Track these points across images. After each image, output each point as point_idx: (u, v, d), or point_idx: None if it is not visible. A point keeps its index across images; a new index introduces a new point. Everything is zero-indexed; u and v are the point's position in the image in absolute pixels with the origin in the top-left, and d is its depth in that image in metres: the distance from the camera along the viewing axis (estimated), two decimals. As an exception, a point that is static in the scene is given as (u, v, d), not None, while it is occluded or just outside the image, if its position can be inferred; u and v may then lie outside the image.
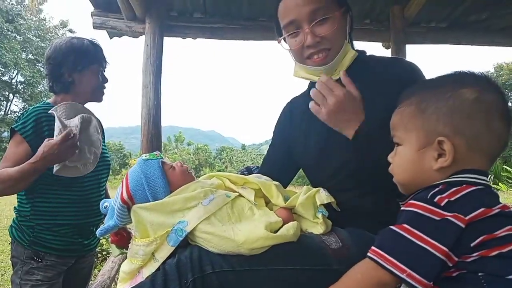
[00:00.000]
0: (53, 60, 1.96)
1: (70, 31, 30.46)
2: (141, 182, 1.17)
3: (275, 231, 1.07)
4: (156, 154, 1.25)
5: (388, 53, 4.30)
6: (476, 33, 4.45)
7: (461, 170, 0.83)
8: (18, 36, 27.72)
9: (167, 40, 4.14)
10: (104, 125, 2.30)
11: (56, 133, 1.76)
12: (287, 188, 1.37)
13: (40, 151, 1.70)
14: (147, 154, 1.25)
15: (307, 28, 1.23)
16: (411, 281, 0.74)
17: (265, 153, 1.63)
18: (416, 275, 0.74)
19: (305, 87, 1.50)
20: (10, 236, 1.95)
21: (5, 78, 28.76)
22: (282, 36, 1.32)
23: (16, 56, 26.35)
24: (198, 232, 1.06)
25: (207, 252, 1.04)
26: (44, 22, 30.39)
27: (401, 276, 0.75)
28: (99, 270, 3.80)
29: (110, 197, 2.15)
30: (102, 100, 2.10)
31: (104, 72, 2.09)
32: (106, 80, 2.09)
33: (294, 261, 1.05)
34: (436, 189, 0.81)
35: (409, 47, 4.31)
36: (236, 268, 1.01)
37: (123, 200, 1.17)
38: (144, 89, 3.91)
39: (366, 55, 1.37)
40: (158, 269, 1.06)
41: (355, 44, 1.38)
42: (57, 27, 30.67)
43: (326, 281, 0.94)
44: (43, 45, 28.09)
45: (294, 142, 1.47)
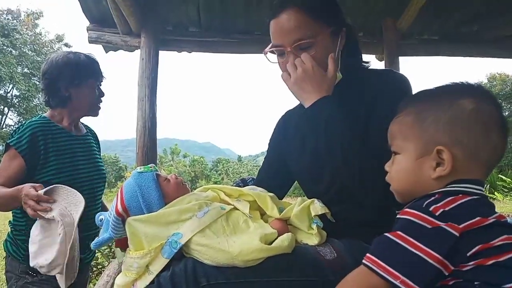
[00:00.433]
0: (49, 74, 1.96)
1: (66, 45, 30.55)
2: (136, 194, 1.18)
3: (270, 243, 1.08)
4: (151, 167, 1.26)
5: (381, 65, 4.34)
6: (468, 44, 4.49)
7: (458, 179, 0.84)
8: (13, 51, 27.76)
9: (163, 53, 4.16)
10: (100, 138, 2.31)
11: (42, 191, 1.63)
12: (283, 200, 1.37)
13: (21, 186, 1.65)
14: (141, 167, 1.26)
15: (294, 53, 1.26)
16: None
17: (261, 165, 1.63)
18: (409, 282, 0.73)
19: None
20: (5, 251, 1.93)
21: (1, 92, 28.73)
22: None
23: (11, 70, 26.34)
24: (193, 244, 1.06)
25: (202, 264, 1.04)
26: (40, 36, 30.47)
27: (395, 282, 0.75)
28: (94, 284, 3.77)
29: (106, 210, 2.14)
30: (98, 115, 2.10)
31: (101, 86, 2.09)
32: (103, 95, 2.09)
33: (289, 272, 1.05)
34: (432, 198, 0.82)
35: (402, 59, 4.35)
36: (231, 280, 1.01)
37: (118, 213, 1.17)
38: (140, 102, 3.92)
39: (364, 66, 1.40)
40: (153, 282, 1.06)
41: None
42: (52, 41, 30.73)
43: None
44: (39, 59, 28.11)
45: (289, 155, 1.48)
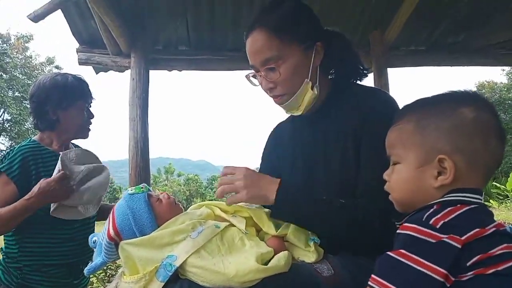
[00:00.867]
0: (36, 98, 1.94)
1: (57, 67, 30.47)
2: (128, 218, 1.16)
3: (267, 262, 1.06)
4: (142, 187, 1.24)
5: (370, 76, 4.38)
6: (454, 54, 4.56)
7: (456, 188, 0.84)
8: (4, 75, 27.67)
9: (153, 72, 4.18)
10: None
11: (54, 173, 1.77)
12: None
13: (36, 187, 1.71)
14: (132, 188, 1.24)
15: (262, 73, 1.28)
16: None
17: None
18: None
19: None
20: (-3, 279, 1.90)
21: (-8, 116, 28.57)
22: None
23: (2, 94, 26.23)
24: (188, 266, 1.04)
25: (197, 286, 1.02)
26: (30, 59, 30.43)
27: None
28: (90, 309, 3.69)
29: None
30: (88, 137, 2.08)
31: (90, 107, 2.07)
32: (92, 116, 2.07)
33: None
34: (431, 210, 0.81)
35: (390, 70, 4.41)
36: None
37: (110, 237, 1.15)
38: (131, 122, 3.92)
39: (351, 82, 1.38)
40: None
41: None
42: (43, 64, 30.69)
43: None
44: (30, 82, 27.96)
45: (281, 168, 1.46)
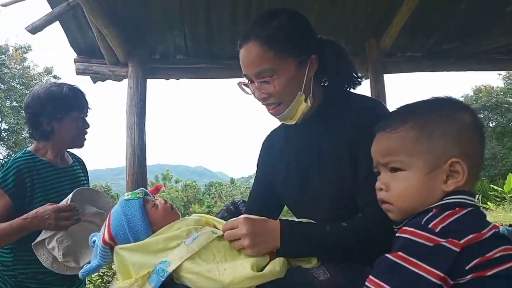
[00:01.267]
0: (31, 108, 1.93)
1: (55, 77, 30.36)
2: (122, 224, 1.16)
3: (262, 269, 1.06)
4: (139, 193, 1.23)
5: (367, 83, 4.41)
6: (450, 60, 4.59)
7: (453, 191, 0.85)
8: (2, 85, 27.60)
9: (151, 80, 4.20)
10: (91, 167, 2.29)
11: (62, 202, 1.77)
12: None
13: (34, 210, 1.71)
14: (129, 193, 1.24)
15: (255, 84, 1.28)
16: None
17: (253, 187, 1.60)
18: None
19: None
20: (-9, 287, 1.89)
21: (-11, 126, 28.48)
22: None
23: (0, 104, 26.20)
24: (183, 272, 1.05)
25: None
26: (28, 70, 30.37)
27: None
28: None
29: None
30: (83, 146, 2.07)
31: (86, 117, 2.06)
32: (88, 126, 2.06)
33: None
34: (430, 214, 0.82)
35: (387, 77, 4.44)
36: None
37: (105, 242, 1.16)
38: (129, 130, 3.94)
39: (344, 90, 1.38)
40: None
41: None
42: (41, 74, 30.63)
43: None
44: (27, 92, 27.67)
45: (275, 176, 1.46)
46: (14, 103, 27.67)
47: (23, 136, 28.36)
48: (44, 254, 1.74)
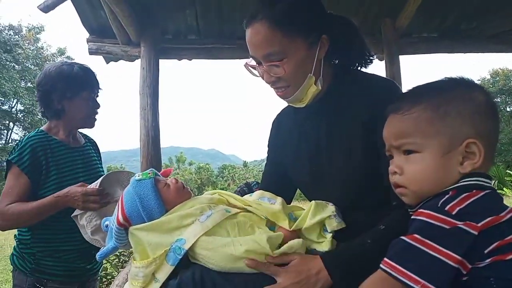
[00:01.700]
0: (42, 86, 1.95)
1: (68, 58, 30.59)
2: (136, 204, 1.17)
3: (278, 247, 1.07)
4: (149, 173, 1.23)
5: (382, 65, 4.33)
6: (467, 41, 4.47)
7: (470, 173, 0.83)
8: (16, 66, 27.93)
9: (164, 61, 4.18)
10: (105, 149, 2.34)
11: (92, 185, 1.81)
12: (292, 204, 1.33)
13: (66, 191, 1.77)
14: (140, 174, 1.24)
15: (263, 66, 1.22)
16: None
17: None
18: (431, 286, 0.72)
19: None
20: (12, 265, 1.94)
21: (5, 107, 28.88)
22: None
23: (15, 85, 26.50)
24: (198, 249, 1.06)
25: (209, 272, 1.03)
26: (42, 50, 30.64)
27: (416, 287, 0.73)
28: (104, 295, 3.77)
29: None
30: (94, 126, 2.08)
31: (97, 97, 2.07)
32: (98, 106, 2.07)
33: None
34: (447, 196, 0.81)
35: (402, 58, 4.34)
36: None
37: (119, 223, 1.17)
38: (142, 111, 3.95)
39: (354, 69, 1.34)
40: None
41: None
42: (54, 55, 30.89)
43: None
44: (42, 73, 28.18)
45: (285, 158, 1.44)
46: (29, 84, 28.00)
47: (38, 117, 28.78)
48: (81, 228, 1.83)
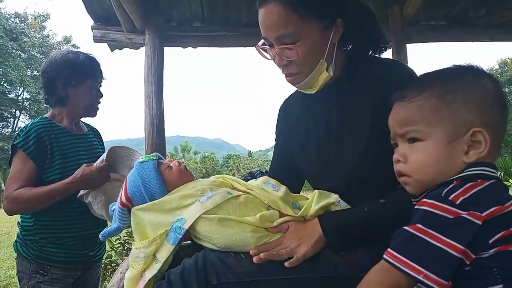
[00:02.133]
0: (47, 73, 1.98)
1: (74, 46, 30.69)
2: (138, 184, 1.20)
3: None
4: (153, 156, 1.27)
5: (389, 53, 4.29)
6: (476, 29, 4.42)
7: (476, 163, 0.81)
8: (22, 54, 28.04)
9: (168, 49, 4.16)
10: (111, 138, 2.35)
11: (97, 162, 1.86)
12: (299, 194, 1.31)
13: (79, 173, 1.81)
14: (143, 156, 1.27)
15: (275, 49, 1.19)
16: (428, 282, 0.72)
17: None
18: (433, 276, 0.72)
19: None
20: (15, 251, 1.96)
21: (12, 95, 29.09)
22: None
23: (21, 74, 26.62)
24: (200, 228, 1.07)
25: (212, 261, 1.03)
26: (47, 39, 30.71)
27: (418, 277, 0.72)
28: (108, 282, 3.80)
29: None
30: (96, 115, 2.12)
31: (100, 87, 2.10)
32: (101, 95, 2.10)
33: (302, 269, 1.02)
34: (451, 186, 0.79)
35: (410, 46, 4.30)
36: (242, 279, 1.00)
37: (122, 203, 1.21)
38: (147, 99, 3.94)
39: (368, 55, 1.30)
40: (163, 278, 1.05)
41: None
42: (60, 43, 30.96)
43: None
44: (48, 61, 28.26)
45: (292, 145, 1.41)
46: (35, 72, 28.12)
47: (44, 105, 28.92)
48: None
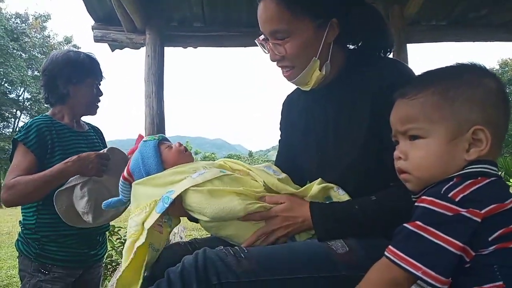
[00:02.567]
0: (49, 72, 2.00)
1: (75, 46, 30.70)
2: (138, 161, 1.30)
3: None
4: (156, 136, 1.36)
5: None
6: (476, 29, 4.41)
7: (476, 160, 0.82)
8: (23, 54, 28.08)
9: (169, 49, 4.17)
10: (112, 138, 2.36)
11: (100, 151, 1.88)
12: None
13: (76, 156, 1.80)
14: (148, 136, 1.36)
15: (270, 43, 1.23)
16: (427, 279, 0.73)
17: (273, 160, 1.58)
18: (431, 272, 0.72)
19: None
20: (17, 250, 1.97)
21: (12, 95, 29.13)
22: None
23: (22, 74, 26.66)
24: (190, 199, 1.13)
25: (212, 261, 1.02)
26: (48, 39, 30.75)
27: (416, 273, 0.73)
28: (109, 281, 3.81)
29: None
30: (96, 113, 2.14)
31: (100, 86, 2.13)
32: (101, 94, 2.13)
33: (301, 269, 1.02)
34: (451, 183, 0.79)
35: (410, 46, 4.29)
36: (242, 279, 0.99)
37: (124, 177, 1.32)
38: (147, 99, 3.93)
39: (369, 54, 1.29)
40: (163, 276, 1.04)
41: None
42: (61, 43, 30.99)
43: None
44: (49, 61, 28.30)
45: (293, 140, 1.43)
46: (36, 73, 28.15)
47: (45, 105, 28.93)
48: (63, 200, 1.82)
